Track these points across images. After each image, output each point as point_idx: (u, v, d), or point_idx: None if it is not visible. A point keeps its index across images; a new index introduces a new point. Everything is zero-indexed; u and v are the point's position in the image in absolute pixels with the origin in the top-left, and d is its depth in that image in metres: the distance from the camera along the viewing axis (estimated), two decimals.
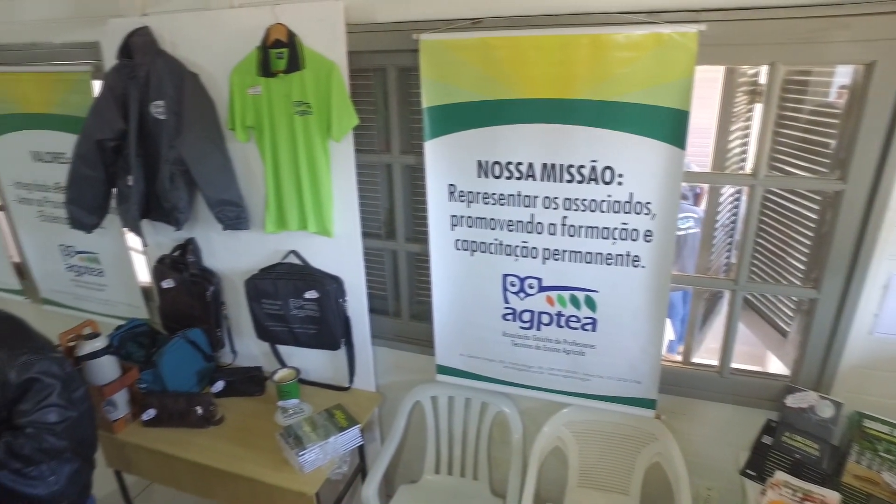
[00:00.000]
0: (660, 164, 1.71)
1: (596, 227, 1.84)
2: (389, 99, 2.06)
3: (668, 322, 2.53)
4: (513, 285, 2.02)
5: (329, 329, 2.24)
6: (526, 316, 2.04)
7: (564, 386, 2.10)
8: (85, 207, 2.33)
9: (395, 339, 2.38)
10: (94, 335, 2.18)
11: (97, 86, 2.36)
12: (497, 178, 1.90)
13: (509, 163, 1.86)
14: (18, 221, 3.00)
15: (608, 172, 1.76)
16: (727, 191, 2.19)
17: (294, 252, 2.29)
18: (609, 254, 1.86)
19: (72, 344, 2.18)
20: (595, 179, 1.79)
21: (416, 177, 2.15)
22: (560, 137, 1.77)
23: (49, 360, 1.67)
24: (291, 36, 1.96)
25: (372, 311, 2.33)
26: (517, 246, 1.96)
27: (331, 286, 2.19)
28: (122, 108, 2.17)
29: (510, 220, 1.93)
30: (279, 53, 1.99)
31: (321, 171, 2.06)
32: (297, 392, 2.32)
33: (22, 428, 1.60)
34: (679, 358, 2.14)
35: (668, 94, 1.63)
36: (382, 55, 2.00)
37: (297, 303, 2.22)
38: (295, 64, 1.97)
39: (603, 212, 1.82)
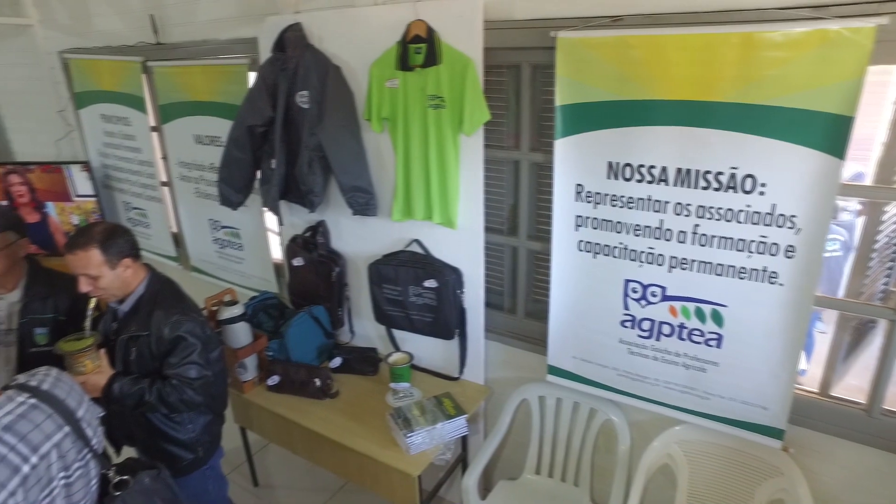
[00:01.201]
0: (811, 174, 1.57)
1: (730, 238, 1.73)
2: (522, 96, 2.07)
3: None
4: (634, 292, 1.95)
5: (445, 318, 2.29)
6: (645, 325, 1.97)
7: (680, 402, 2.00)
8: (233, 186, 2.57)
9: (507, 335, 2.39)
10: (233, 302, 2.40)
11: (252, 77, 2.58)
12: (627, 180, 1.84)
13: (641, 165, 1.80)
14: (179, 196, 3.36)
15: (749, 181, 1.65)
16: (893, 209, 1.96)
17: (417, 241, 2.37)
18: (743, 267, 1.74)
19: (214, 308, 2.42)
20: (734, 187, 1.67)
21: (542, 175, 2.14)
22: (698, 141, 1.68)
23: (194, 322, 1.85)
24: (430, 32, 2.03)
25: (487, 305, 2.35)
26: (642, 252, 1.89)
27: (450, 277, 2.24)
28: (272, 98, 2.36)
29: (637, 225, 1.87)
30: (417, 48, 2.06)
31: (450, 164, 2.11)
32: (408, 376, 2.40)
33: (169, 379, 1.79)
34: (815, 388, 1.95)
35: (830, 97, 1.49)
36: (517, 52, 2.01)
37: (416, 290, 2.30)
38: (432, 59, 2.03)
39: (740, 222, 1.70)
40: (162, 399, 1.77)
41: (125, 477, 1.48)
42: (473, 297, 2.32)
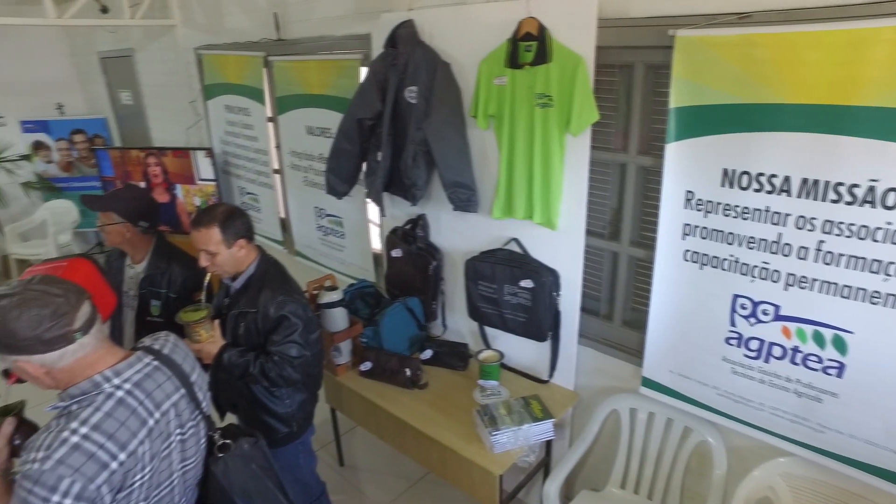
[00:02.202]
0: None
1: (863, 259, 1.57)
2: (633, 97, 2.00)
3: None
4: (743, 308, 1.82)
5: (538, 320, 2.26)
6: (753, 344, 1.84)
7: (789, 431, 1.85)
8: (340, 176, 2.68)
9: (601, 342, 2.32)
10: (333, 288, 2.51)
11: (363, 72, 2.68)
12: (744, 189, 1.72)
13: (761, 174, 1.68)
14: (289, 184, 3.56)
15: (892, 195, 1.48)
16: None
17: (515, 240, 2.36)
18: (877, 291, 1.57)
19: (315, 292, 2.54)
20: (871, 202, 1.52)
21: (649, 179, 2.06)
22: (830, 150, 1.54)
23: (297, 304, 1.95)
24: (542, 29, 2.00)
25: (583, 309, 2.30)
26: (756, 266, 1.76)
27: (547, 278, 2.21)
28: (382, 92, 2.43)
29: (752, 237, 1.74)
30: (528, 46, 2.05)
31: (554, 164, 2.08)
32: (497, 374, 2.40)
33: (271, 355, 1.90)
34: None
35: None
36: (631, 51, 1.94)
37: (512, 289, 2.28)
38: (542, 57, 2.01)
39: (876, 241, 1.54)
40: (263, 373, 1.88)
41: (227, 441, 1.59)
42: (569, 300, 2.28)
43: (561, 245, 2.23)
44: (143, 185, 4.42)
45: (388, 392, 2.45)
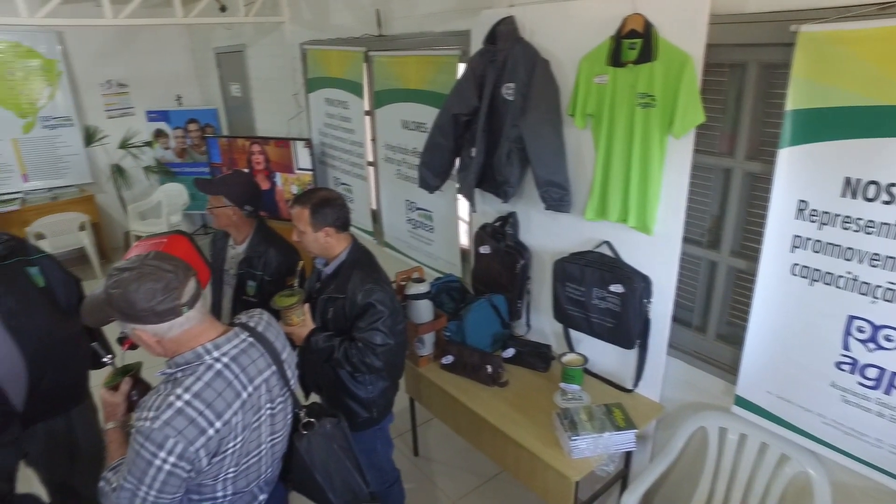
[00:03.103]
0: None
1: None
2: (744, 98, 1.88)
3: None
4: (860, 331, 1.67)
5: (627, 326, 2.19)
6: (871, 372, 1.68)
7: None
8: (433, 171, 2.71)
9: (692, 355, 2.21)
10: (421, 280, 2.54)
11: (461, 68, 2.69)
12: (869, 200, 1.57)
13: (892, 184, 1.53)
14: (382, 176, 3.66)
15: None
16: None
17: (607, 243, 2.29)
18: None
19: (403, 283, 2.59)
20: None
21: (756, 186, 1.93)
22: None
23: (385, 293, 2.00)
24: (648, 26, 1.93)
25: (674, 319, 2.20)
26: (879, 286, 1.61)
27: (638, 284, 2.13)
28: (478, 88, 2.44)
29: (876, 254, 1.59)
30: (632, 44, 1.98)
31: (653, 167, 2.00)
32: (580, 379, 2.35)
33: (356, 341, 1.95)
34: None
35: None
36: (744, 49, 1.83)
37: (601, 293, 2.22)
38: (646, 55, 1.93)
39: None
40: (347, 357, 1.94)
41: (312, 420, 1.66)
42: (661, 308, 2.18)
43: (655, 251, 2.14)
44: (246, 171, 4.70)
45: (467, 387, 2.46)
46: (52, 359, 1.98)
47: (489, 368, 2.42)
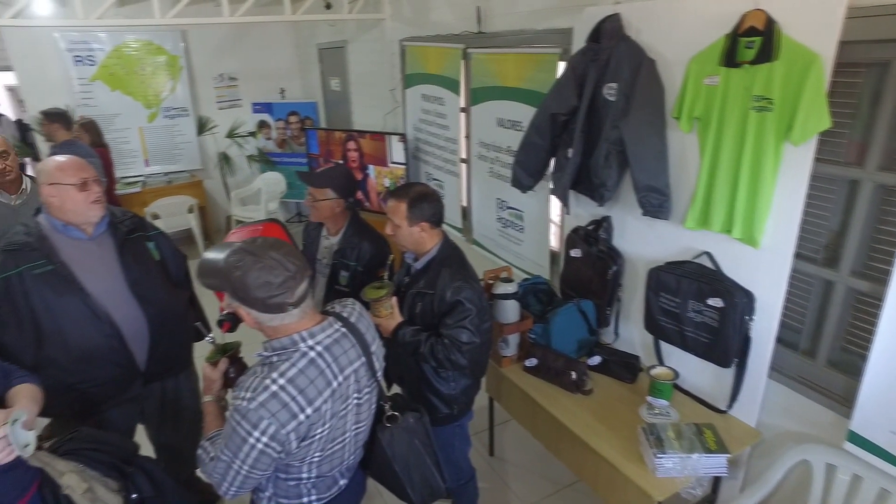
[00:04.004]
0: None
1: None
2: (881, 101, 1.71)
3: None
4: None
5: (724, 343, 2.06)
6: None
7: None
8: (527, 170, 2.68)
9: (797, 380, 2.04)
10: (509, 280, 2.52)
11: (561, 67, 2.63)
12: None
13: None
14: (474, 173, 3.67)
15: None
16: None
17: (708, 254, 2.16)
18: None
19: (491, 282, 2.58)
20: None
21: (889, 200, 1.75)
22: None
23: (473, 291, 1.99)
24: (770, 23, 1.79)
25: (778, 340, 2.04)
26: None
27: (740, 299, 2.00)
28: (578, 88, 2.37)
29: None
30: (749, 42, 1.85)
31: (765, 175, 1.86)
32: (669, 394, 2.24)
33: (442, 337, 1.96)
34: None
35: None
36: (887, 46, 1.65)
37: (697, 306, 2.11)
38: (766, 54, 1.80)
39: None
40: (433, 353, 1.95)
41: (395, 413, 1.69)
42: (764, 327, 2.03)
43: (761, 265, 2.00)
44: (343, 164, 4.87)
45: (549, 391, 2.41)
46: (167, 325, 2.17)
47: (573, 375, 2.36)
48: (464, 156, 3.80)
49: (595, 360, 2.50)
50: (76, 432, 1.71)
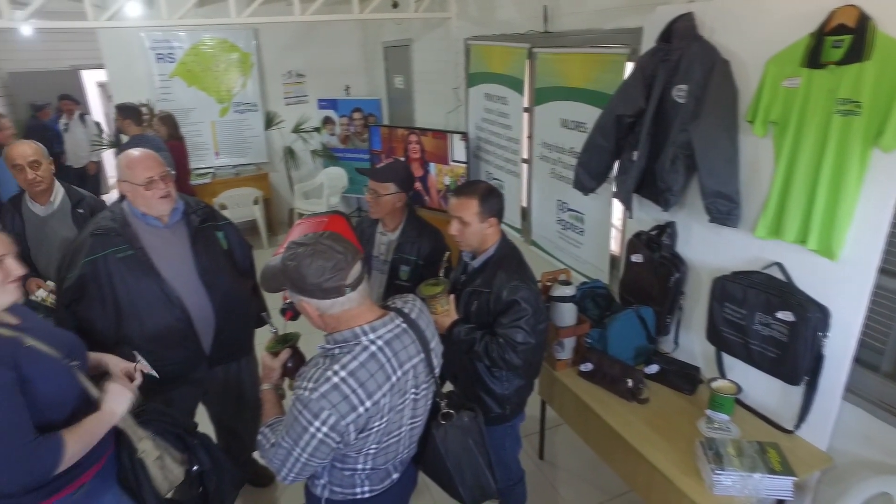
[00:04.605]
0: None
1: None
2: None
3: None
4: None
5: (794, 360, 1.96)
6: None
7: None
8: (590, 172, 2.63)
9: (877, 405, 1.91)
10: (567, 282, 2.48)
11: (629, 67, 2.57)
12: None
13: None
14: (535, 174, 3.64)
15: None
16: None
17: (779, 265, 2.06)
18: None
19: (548, 284, 2.55)
20: None
21: None
22: None
23: (530, 291, 1.98)
24: (863, 20, 1.68)
25: (856, 359, 1.92)
26: None
27: (813, 314, 1.89)
28: (646, 89, 2.31)
29: None
30: (837, 41, 1.74)
31: (848, 183, 1.76)
32: (731, 409, 2.15)
33: (497, 336, 1.96)
34: None
35: None
36: None
37: (765, 319, 2.01)
38: (856, 54, 1.69)
39: None
40: (487, 352, 1.95)
41: (451, 411, 1.70)
42: (839, 345, 1.92)
43: (839, 279, 1.88)
44: (402, 159, 4.93)
45: (604, 398, 2.36)
46: (232, 312, 2.28)
47: (629, 382, 2.31)
48: (525, 156, 3.77)
49: (652, 368, 2.43)
50: (146, 405, 1.82)
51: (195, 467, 1.85)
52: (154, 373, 1.81)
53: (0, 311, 1.50)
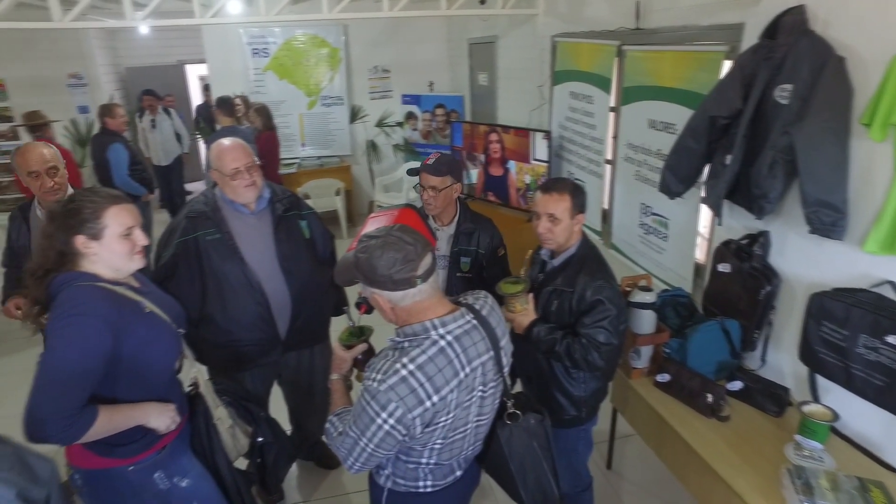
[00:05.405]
0: None
1: None
2: None
3: None
4: None
5: None
6: None
7: None
8: (678, 175, 2.50)
9: None
10: (648, 289, 2.38)
11: (726, 66, 2.43)
12: None
13: None
14: (618, 176, 3.52)
15: None
16: None
17: (891, 283, 1.87)
18: None
19: (628, 289, 2.45)
20: None
21: None
22: None
23: (614, 291, 1.94)
24: None
25: None
26: None
27: None
28: (745, 89, 2.16)
29: None
30: None
31: None
32: (825, 436, 1.98)
33: (579, 337, 1.91)
34: None
35: None
36: None
37: (871, 342, 1.84)
38: None
39: None
40: (569, 353, 1.91)
41: (517, 412, 1.67)
42: None
43: None
44: (482, 157, 4.92)
45: (680, 412, 2.25)
46: (308, 300, 2.35)
47: (709, 398, 2.18)
48: (609, 157, 3.66)
49: (735, 385, 2.29)
50: (222, 382, 1.96)
51: (259, 439, 1.97)
52: None
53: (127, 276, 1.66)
